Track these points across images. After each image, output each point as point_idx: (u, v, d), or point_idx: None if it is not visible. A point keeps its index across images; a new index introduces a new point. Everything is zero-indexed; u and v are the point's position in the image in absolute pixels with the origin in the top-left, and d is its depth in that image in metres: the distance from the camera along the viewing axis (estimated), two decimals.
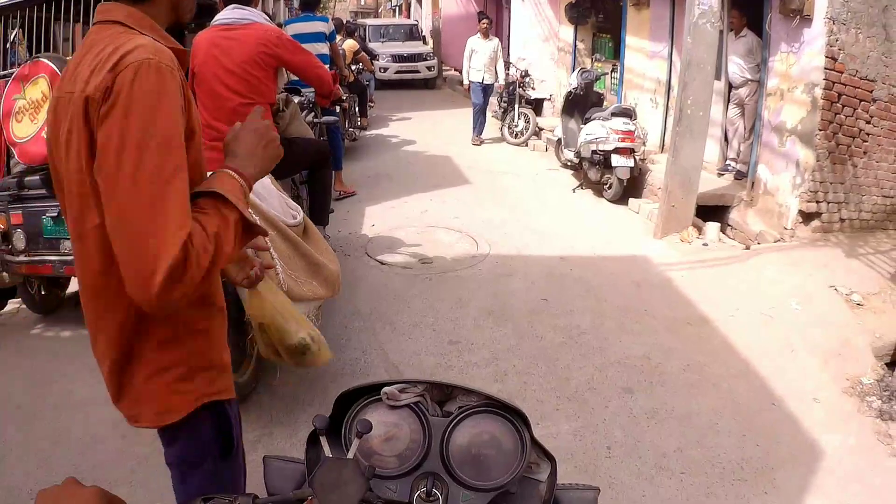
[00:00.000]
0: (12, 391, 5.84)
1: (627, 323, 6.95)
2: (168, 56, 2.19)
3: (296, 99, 7.26)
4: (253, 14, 5.95)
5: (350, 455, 1.80)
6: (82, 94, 2.18)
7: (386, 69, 28.39)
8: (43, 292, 7.29)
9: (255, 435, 5.11)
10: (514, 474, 1.92)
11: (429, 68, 29.30)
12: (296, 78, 7.10)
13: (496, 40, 16.42)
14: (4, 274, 7.68)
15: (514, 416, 1.99)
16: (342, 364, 6.06)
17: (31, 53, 7.08)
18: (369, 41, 29.08)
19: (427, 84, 29.71)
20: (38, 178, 6.58)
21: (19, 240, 6.62)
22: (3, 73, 6.97)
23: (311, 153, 6.97)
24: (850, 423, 5.43)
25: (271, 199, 5.38)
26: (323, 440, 1.86)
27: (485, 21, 16.30)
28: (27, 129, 6.36)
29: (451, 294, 7.57)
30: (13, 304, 7.68)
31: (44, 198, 6.57)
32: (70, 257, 6.37)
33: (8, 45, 7.19)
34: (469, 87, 16.42)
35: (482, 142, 16.41)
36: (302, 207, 6.22)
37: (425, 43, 31.69)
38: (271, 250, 4.88)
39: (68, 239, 6.02)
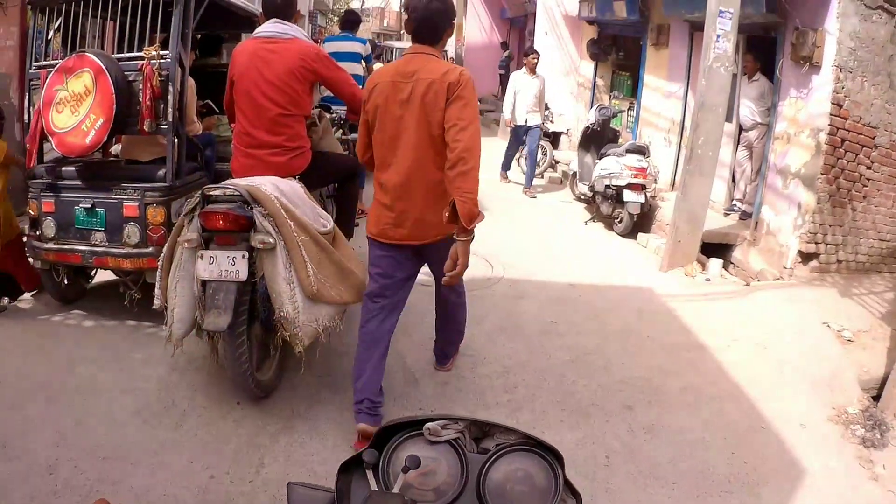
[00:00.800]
0: (35, 372, 6.00)
1: (630, 346, 7.29)
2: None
3: (327, 115, 7.49)
4: (293, 29, 6.18)
5: (396, 489, 1.90)
6: (445, 80, 4.73)
7: None
8: (67, 281, 7.33)
9: (276, 427, 5.39)
10: None
11: None
12: (329, 94, 7.46)
13: (542, 77, 15.08)
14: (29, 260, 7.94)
15: (549, 455, 2.07)
16: None
17: (64, 47, 7.28)
18: None
19: None
20: (73, 168, 6.79)
21: (49, 227, 6.75)
22: (45, 63, 7.15)
23: (341, 167, 7.27)
24: (834, 448, 5.76)
25: (304, 206, 5.63)
26: (370, 473, 1.99)
27: (534, 56, 14.90)
28: (67, 119, 6.52)
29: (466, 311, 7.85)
30: (34, 292, 7.81)
31: (79, 189, 6.73)
32: (100, 248, 6.63)
33: (50, 37, 7.39)
34: (510, 124, 15.07)
35: (510, 180, 15.77)
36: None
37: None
38: (304, 253, 5.16)
39: (100, 230, 6.44)
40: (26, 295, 7.72)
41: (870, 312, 8.51)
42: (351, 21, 12.66)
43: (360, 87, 6.30)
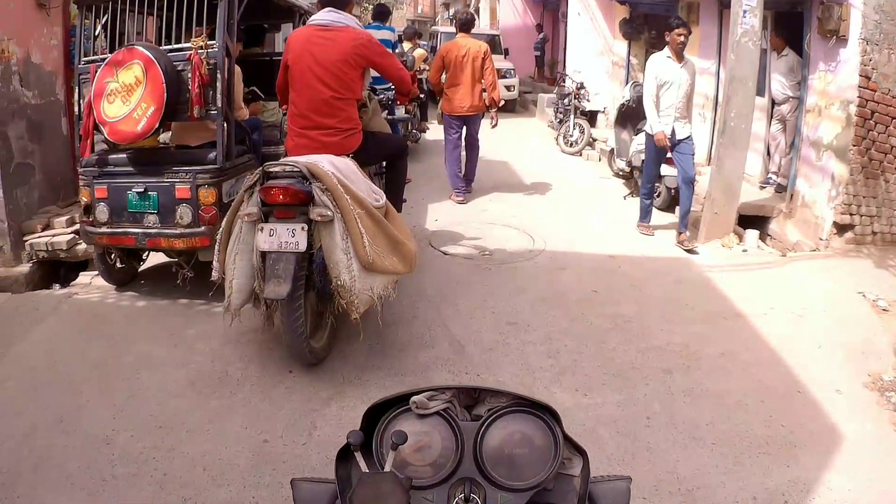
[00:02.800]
0: (91, 352, 6.23)
1: (668, 314, 7.43)
2: None
3: (375, 97, 7.72)
4: (346, 18, 6.56)
5: (387, 468, 1.82)
6: (481, 51, 11.74)
7: None
8: (120, 265, 7.67)
9: (328, 393, 5.62)
10: (549, 471, 1.95)
11: (508, 88, 24.33)
12: (376, 75, 7.69)
13: (692, 64, 10.23)
14: (78, 247, 8.25)
15: (544, 413, 2.01)
16: (409, 337, 6.58)
17: (107, 43, 7.53)
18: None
19: (505, 107, 21.53)
20: (124, 156, 7.14)
21: (102, 212, 7.05)
22: (93, 58, 7.41)
23: (390, 146, 7.64)
24: (869, 414, 5.82)
25: (359, 182, 5.93)
26: (358, 455, 1.89)
27: (682, 32, 9.53)
28: (119, 109, 6.78)
29: (508, 282, 8.07)
30: (85, 277, 8.14)
31: (130, 174, 7.04)
32: (153, 230, 6.92)
33: (97, 33, 7.62)
34: (664, 142, 9.82)
35: (653, 232, 10.63)
36: None
37: (506, 57, 26.55)
38: (360, 225, 5.41)
39: (153, 213, 6.78)
40: (78, 280, 8.02)
41: None
42: (381, 13, 14.91)
43: None
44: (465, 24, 12.34)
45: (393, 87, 8.38)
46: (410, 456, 1.97)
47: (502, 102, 13.74)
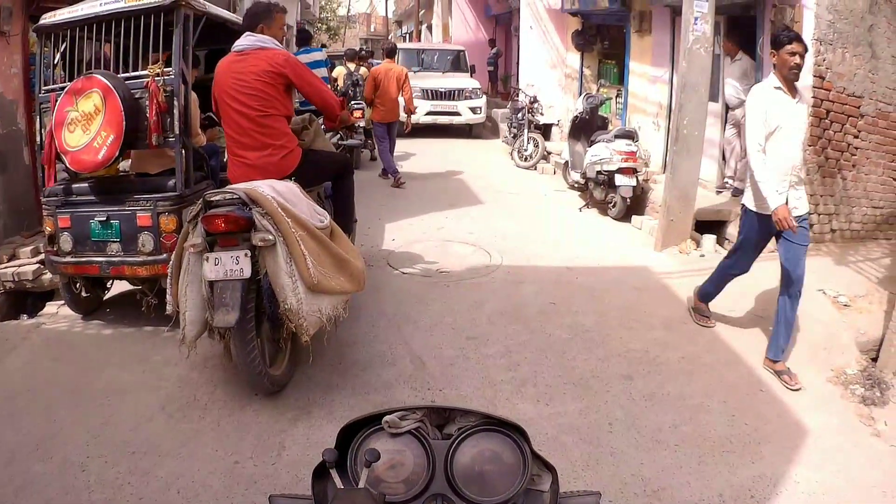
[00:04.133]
0: (63, 379, 6.19)
1: (627, 322, 7.44)
2: None
3: (320, 119, 7.69)
4: (263, 40, 6.48)
5: (361, 485, 1.89)
6: (402, 73, 14.84)
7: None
8: (85, 293, 7.58)
9: (294, 413, 5.58)
10: (518, 487, 1.99)
11: (473, 110, 22.19)
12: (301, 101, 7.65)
13: (805, 98, 7.14)
14: (44, 277, 8.25)
15: (512, 432, 2.06)
16: (371, 355, 6.55)
17: (65, 71, 7.49)
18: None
19: (470, 132, 23.04)
20: (86, 185, 7.07)
21: (66, 242, 7.01)
22: (53, 87, 7.39)
23: (332, 165, 7.52)
24: (834, 407, 5.90)
25: (300, 204, 5.85)
26: (333, 472, 2.01)
27: (796, 48, 6.32)
28: (79, 138, 6.77)
29: (467, 298, 8.04)
30: (52, 307, 8.08)
31: (92, 203, 7.01)
32: (117, 258, 6.90)
33: (56, 62, 7.57)
34: (784, 217, 6.26)
35: (714, 322, 7.61)
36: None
37: (473, 75, 24.67)
38: (302, 247, 5.35)
39: (116, 241, 6.75)
40: (45, 310, 8.00)
41: (866, 278, 8.61)
42: (304, 38, 15.95)
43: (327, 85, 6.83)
44: (390, 52, 15.67)
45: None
46: (384, 473, 2.01)
47: (416, 110, 17.70)
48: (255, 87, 6.31)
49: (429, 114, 21.71)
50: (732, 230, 10.65)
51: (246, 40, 6.47)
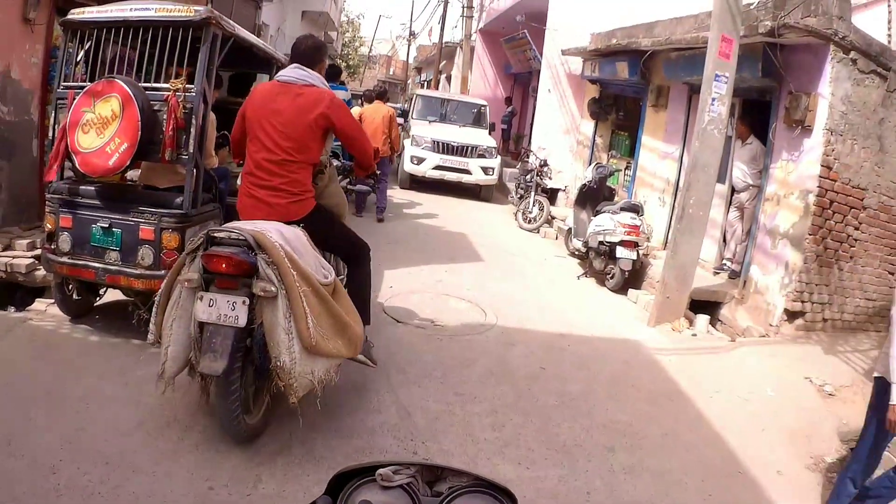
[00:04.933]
0: (42, 379, 6.16)
1: (615, 393, 7.49)
2: None
3: (335, 162, 7.52)
4: (312, 77, 6.09)
5: None
6: (388, 113, 15.46)
7: (420, 160, 20.14)
8: (76, 296, 7.61)
9: (274, 447, 5.56)
10: None
11: (486, 170, 20.35)
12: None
13: None
14: (37, 273, 8.30)
15: (502, 496, 2.02)
16: (358, 400, 6.57)
17: (86, 70, 7.55)
18: (413, 117, 22.64)
19: (479, 193, 21.37)
20: (92, 188, 7.09)
21: (65, 242, 7.00)
22: (73, 84, 7.42)
23: (349, 243, 6.78)
24: (810, 494, 5.97)
25: (307, 256, 5.55)
26: None
27: None
28: (92, 141, 6.76)
29: (459, 354, 8.06)
30: (41, 304, 8.06)
31: (97, 208, 7.01)
32: (114, 266, 6.90)
33: (79, 59, 7.59)
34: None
35: None
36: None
37: (491, 133, 22.64)
38: (304, 304, 5.07)
39: (115, 250, 6.76)
40: (34, 305, 8.01)
41: (852, 369, 8.68)
42: (334, 73, 15.64)
43: None
44: (381, 94, 16.44)
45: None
46: None
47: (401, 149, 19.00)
48: (292, 126, 5.92)
49: (436, 168, 20.15)
50: (727, 312, 10.80)
51: (294, 73, 6.08)
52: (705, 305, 10.86)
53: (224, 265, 5.03)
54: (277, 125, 5.94)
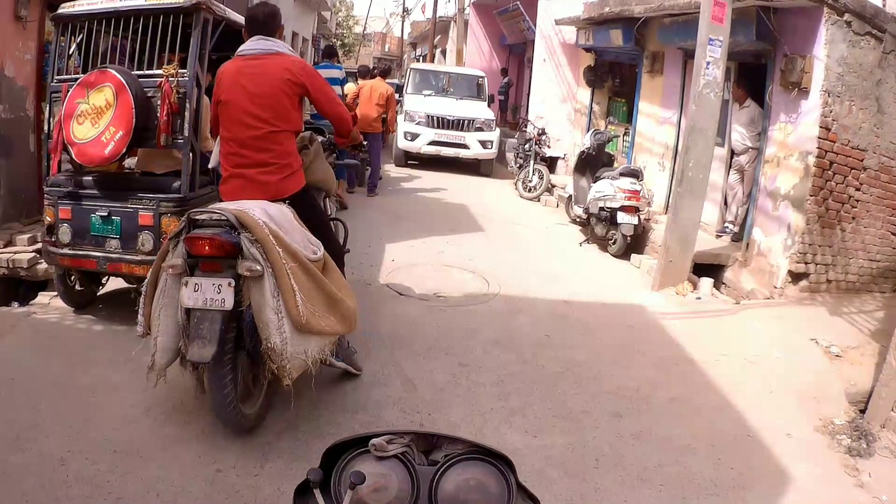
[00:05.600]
0: (48, 371, 6.16)
1: (620, 359, 7.46)
2: None
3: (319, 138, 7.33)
4: (278, 45, 5.93)
5: None
6: (387, 92, 15.06)
7: (414, 136, 19.45)
8: (79, 287, 7.63)
9: (280, 426, 5.54)
10: None
11: (484, 143, 19.62)
12: (313, 114, 7.50)
13: None
14: (39, 266, 8.35)
15: (499, 462, 2.03)
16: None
17: (79, 62, 7.55)
18: (408, 91, 21.82)
19: (479, 168, 20.45)
20: (90, 179, 7.15)
21: (65, 233, 7.04)
22: (66, 77, 7.45)
23: (328, 242, 6.24)
24: (820, 457, 5.89)
25: (294, 233, 5.39)
26: (317, 492, 1.92)
27: None
28: (87, 131, 6.78)
29: (462, 324, 8.06)
30: (44, 297, 8.09)
31: (95, 197, 7.05)
32: (115, 254, 6.91)
33: (71, 52, 7.64)
34: None
35: None
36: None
37: (490, 106, 21.89)
38: (292, 281, 4.90)
39: (115, 238, 6.75)
40: (37, 299, 8.00)
41: (858, 330, 8.63)
42: (330, 53, 16.08)
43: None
44: (384, 73, 16.84)
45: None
46: (367, 496, 1.98)
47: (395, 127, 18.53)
48: (269, 96, 5.72)
49: (432, 143, 19.43)
50: (731, 275, 10.79)
51: (259, 44, 5.87)
52: (709, 269, 10.86)
53: (207, 247, 4.84)
54: (255, 98, 5.75)
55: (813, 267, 9.82)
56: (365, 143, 15.13)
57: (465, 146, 19.47)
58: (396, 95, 18.40)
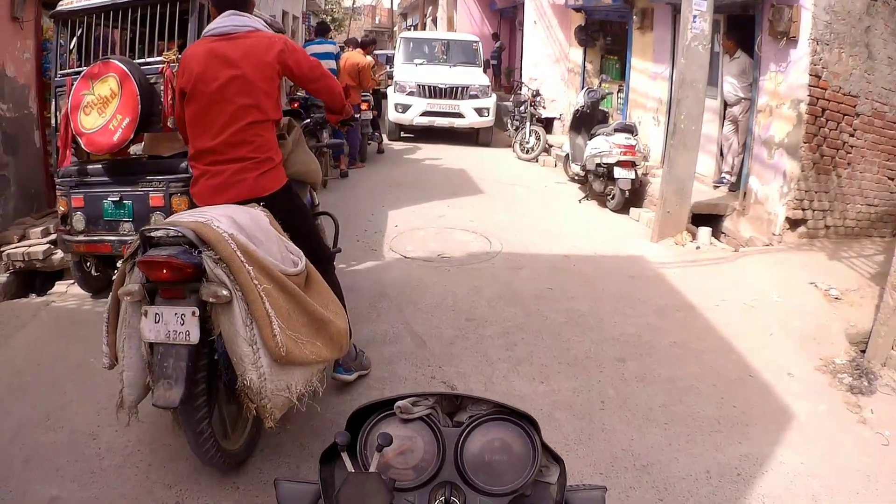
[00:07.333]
0: (71, 355, 6.23)
1: (622, 308, 7.59)
2: None
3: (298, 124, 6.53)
4: (254, 21, 5.15)
5: (372, 469, 1.87)
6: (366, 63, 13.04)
7: (406, 107, 18.68)
8: (95, 272, 7.74)
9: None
10: (527, 478, 1.97)
11: (480, 111, 18.68)
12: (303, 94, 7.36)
13: None
14: (54, 257, 8.48)
15: (523, 422, 2.04)
16: (374, 334, 6.68)
17: (79, 56, 7.74)
18: (398, 62, 21.00)
19: (477, 137, 19.55)
20: (99, 167, 7.26)
21: (79, 221, 7.19)
22: (69, 71, 7.61)
23: (316, 244, 5.51)
24: (822, 395, 6.00)
25: (269, 243, 4.52)
26: (344, 456, 1.92)
27: None
28: (95, 121, 6.89)
29: (467, 282, 8.19)
30: (61, 286, 8.24)
31: (106, 184, 7.18)
32: (129, 237, 6.95)
33: (72, 47, 7.78)
34: None
35: None
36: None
37: (486, 71, 21.75)
38: (267, 306, 4.06)
39: (128, 221, 6.86)
40: (55, 289, 8.18)
41: (859, 274, 8.72)
42: (323, 29, 16.81)
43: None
44: (363, 45, 15.96)
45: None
46: (393, 459, 2.01)
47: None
48: (247, 81, 4.94)
49: (425, 114, 18.56)
50: (729, 224, 10.90)
51: (232, 20, 5.06)
52: (707, 219, 10.97)
53: (164, 270, 3.98)
54: (231, 84, 4.94)
55: (810, 213, 9.92)
56: (367, 117, 15.21)
57: (459, 115, 18.66)
58: (388, 68, 18.83)
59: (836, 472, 4.91)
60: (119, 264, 4.51)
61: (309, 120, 6.76)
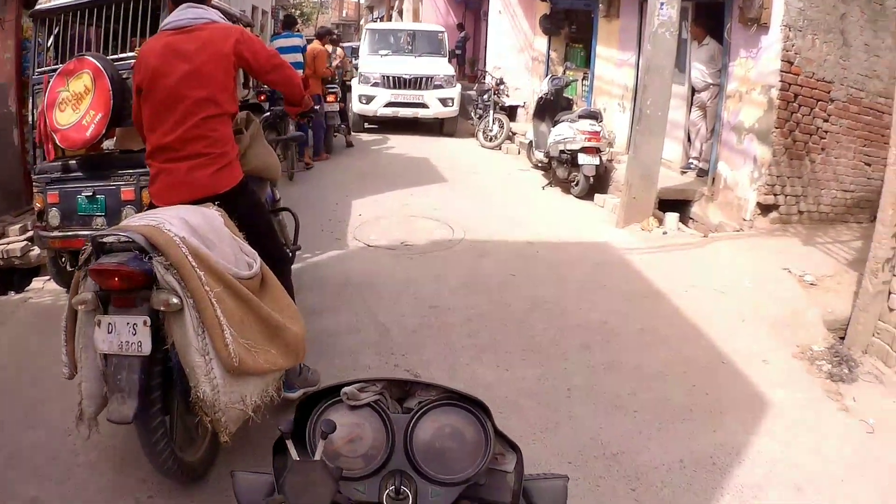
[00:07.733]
0: (48, 350, 5.84)
1: (587, 295, 7.45)
2: None
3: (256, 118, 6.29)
4: (210, 13, 5.06)
5: (317, 457, 1.83)
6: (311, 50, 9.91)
7: (370, 98, 18.44)
8: (70, 267, 7.69)
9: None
10: (480, 466, 1.93)
11: (444, 101, 18.46)
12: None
13: None
14: (31, 253, 8.53)
15: (474, 408, 1.99)
16: (337, 323, 6.60)
17: (56, 54, 7.84)
18: (362, 54, 20.74)
19: (441, 127, 19.16)
20: (74, 163, 7.32)
21: (54, 217, 7.22)
22: (47, 68, 7.72)
23: (273, 245, 5.37)
24: (800, 382, 5.85)
25: (223, 245, 4.40)
26: (289, 444, 1.87)
27: None
28: (69, 117, 6.92)
29: (430, 270, 8.11)
30: (38, 282, 8.27)
31: (80, 179, 7.26)
32: (100, 232, 6.86)
33: (49, 45, 7.86)
34: None
35: None
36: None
37: (452, 61, 22.00)
38: (218, 312, 3.91)
39: (101, 215, 6.89)
40: (32, 285, 8.31)
41: (835, 260, 8.59)
42: (290, 23, 16.27)
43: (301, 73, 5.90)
44: (320, 36, 15.53)
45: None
46: (342, 447, 1.97)
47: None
48: (205, 74, 4.83)
49: (388, 105, 18.30)
50: (698, 209, 10.79)
51: (188, 13, 4.95)
52: (675, 205, 10.82)
53: (116, 279, 3.84)
54: (189, 78, 4.82)
55: (782, 198, 9.80)
56: (316, 107, 14.94)
57: (424, 105, 18.34)
58: (353, 61, 18.97)
59: (819, 460, 4.78)
60: (76, 272, 4.24)
61: (269, 113, 7.10)
